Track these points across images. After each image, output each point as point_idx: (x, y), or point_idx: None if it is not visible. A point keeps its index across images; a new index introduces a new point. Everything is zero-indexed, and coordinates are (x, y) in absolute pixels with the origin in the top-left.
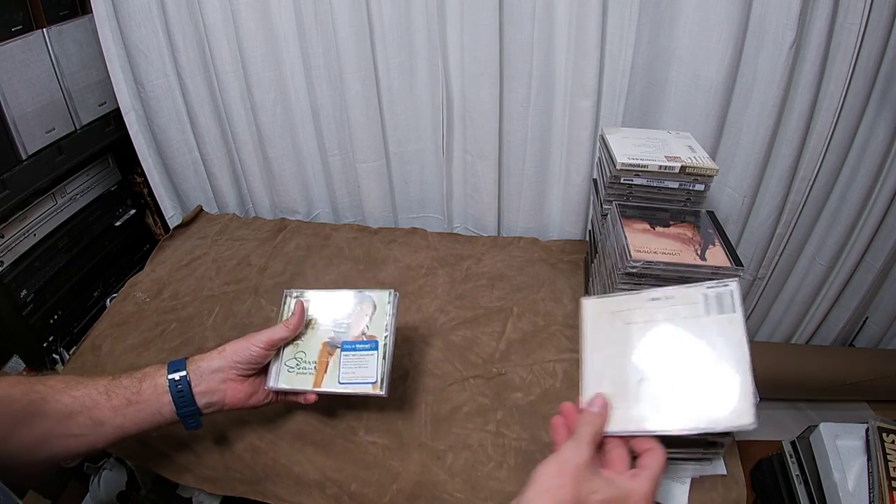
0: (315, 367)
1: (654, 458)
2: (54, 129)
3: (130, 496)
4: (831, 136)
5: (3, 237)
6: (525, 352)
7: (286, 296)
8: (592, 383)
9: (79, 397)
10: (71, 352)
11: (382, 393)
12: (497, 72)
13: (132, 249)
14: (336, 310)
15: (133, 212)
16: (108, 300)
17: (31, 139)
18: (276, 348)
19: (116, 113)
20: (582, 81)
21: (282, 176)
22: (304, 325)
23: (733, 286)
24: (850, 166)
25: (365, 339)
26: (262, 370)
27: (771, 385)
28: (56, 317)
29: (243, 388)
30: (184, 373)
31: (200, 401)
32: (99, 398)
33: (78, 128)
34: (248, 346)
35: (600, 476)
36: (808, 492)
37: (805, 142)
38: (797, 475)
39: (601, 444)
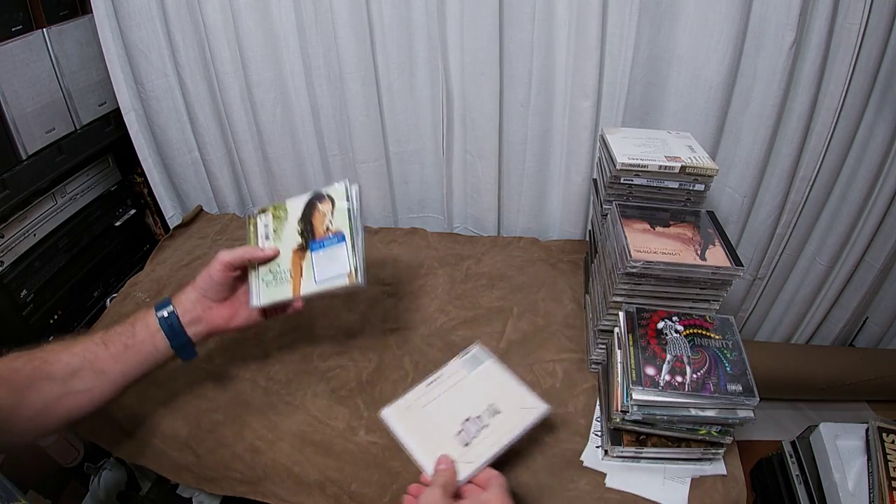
0: (290, 274)
1: (494, 482)
2: (54, 129)
3: (130, 496)
4: (831, 136)
5: (3, 237)
6: (525, 352)
7: (249, 216)
8: (428, 461)
9: (78, 353)
10: None
11: (359, 282)
12: (497, 72)
13: (132, 249)
14: (297, 214)
15: (133, 212)
16: (108, 300)
17: (31, 139)
18: (236, 268)
19: (116, 113)
20: (582, 81)
21: (282, 176)
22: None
23: (475, 349)
24: (850, 166)
25: (331, 234)
26: (234, 291)
27: (771, 385)
28: (56, 317)
29: (221, 313)
30: (171, 308)
31: (189, 330)
32: (97, 350)
33: (78, 128)
34: (208, 272)
35: None
36: (808, 492)
37: (805, 142)
38: (797, 475)
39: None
